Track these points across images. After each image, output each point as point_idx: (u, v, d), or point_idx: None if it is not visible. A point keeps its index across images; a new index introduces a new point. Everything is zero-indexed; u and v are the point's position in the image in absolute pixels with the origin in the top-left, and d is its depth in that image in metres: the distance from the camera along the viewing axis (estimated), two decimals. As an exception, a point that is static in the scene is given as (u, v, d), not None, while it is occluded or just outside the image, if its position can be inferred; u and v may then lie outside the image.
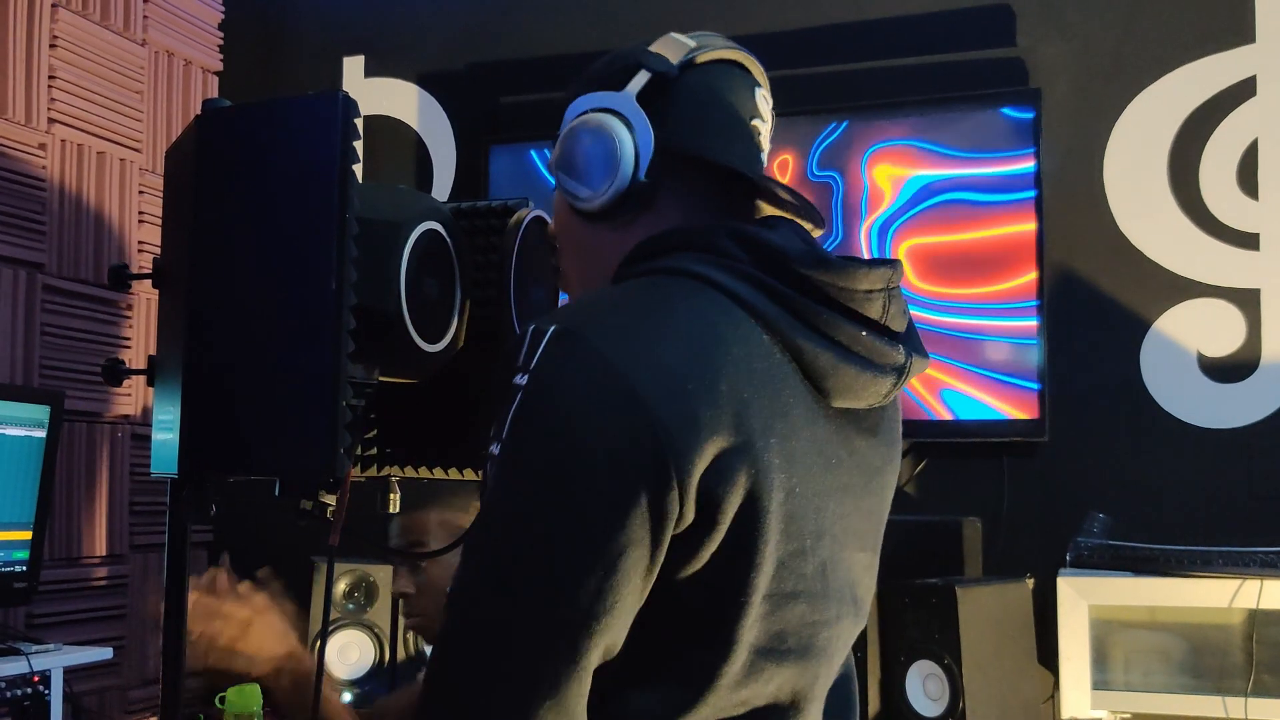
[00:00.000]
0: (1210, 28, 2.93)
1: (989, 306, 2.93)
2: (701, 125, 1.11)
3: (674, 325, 0.96)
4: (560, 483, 0.90)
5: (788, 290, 1.00)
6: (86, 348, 3.19)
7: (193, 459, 1.09)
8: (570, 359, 0.92)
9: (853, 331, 1.01)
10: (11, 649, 2.53)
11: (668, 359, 0.93)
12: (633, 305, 0.98)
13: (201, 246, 1.10)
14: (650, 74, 1.09)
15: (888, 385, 1.04)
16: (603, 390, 0.90)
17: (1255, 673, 2.43)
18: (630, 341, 0.93)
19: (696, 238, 1.04)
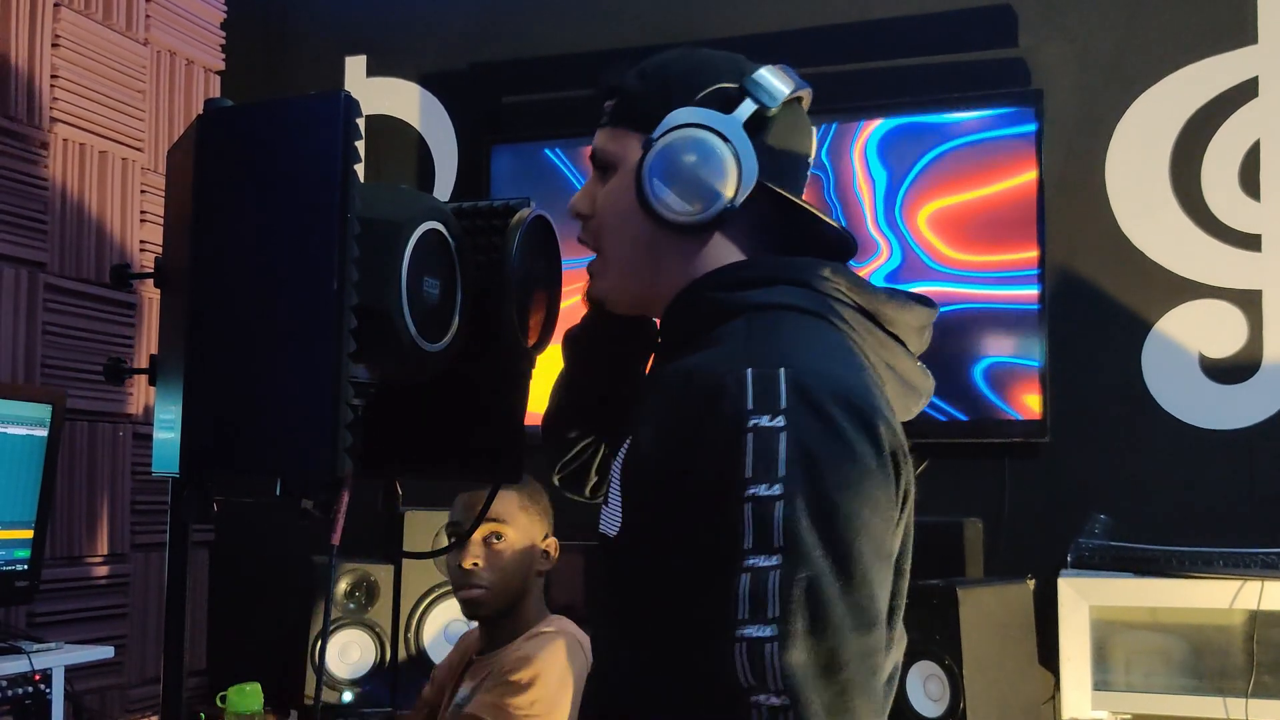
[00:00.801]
0: (1212, 29, 2.93)
1: (990, 307, 2.93)
2: (782, 161, 1.18)
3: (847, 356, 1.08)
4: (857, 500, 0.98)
5: (870, 323, 1.12)
6: (88, 347, 3.20)
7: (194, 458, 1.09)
8: (817, 396, 0.99)
9: (908, 362, 1.16)
10: (13, 648, 2.54)
11: (867, 384, 1.05)
12: (823, 348, 1.07)
13: (203, 246, 1.10)
14: (756, 105, 1.14)
15: (921, 405, 1.20)
16: (858, 433, 1.00)
17: (1256, 674, 2.43)
18: (849, 383, 1.03)
19: (792, 270, 1.13)
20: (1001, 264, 2.92)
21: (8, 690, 2.46)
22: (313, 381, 1.05)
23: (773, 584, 0.94)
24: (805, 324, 1.08)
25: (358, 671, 3.03)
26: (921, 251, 2.99)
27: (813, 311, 1.09)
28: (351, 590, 3.06)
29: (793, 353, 1.03)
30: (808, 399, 0.99)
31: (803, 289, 1.10)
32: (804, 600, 0.93)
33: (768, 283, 1.11)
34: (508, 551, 2.12)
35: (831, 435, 0.98)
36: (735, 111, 1.13)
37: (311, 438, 1.05)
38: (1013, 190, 2.93)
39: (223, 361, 1.09)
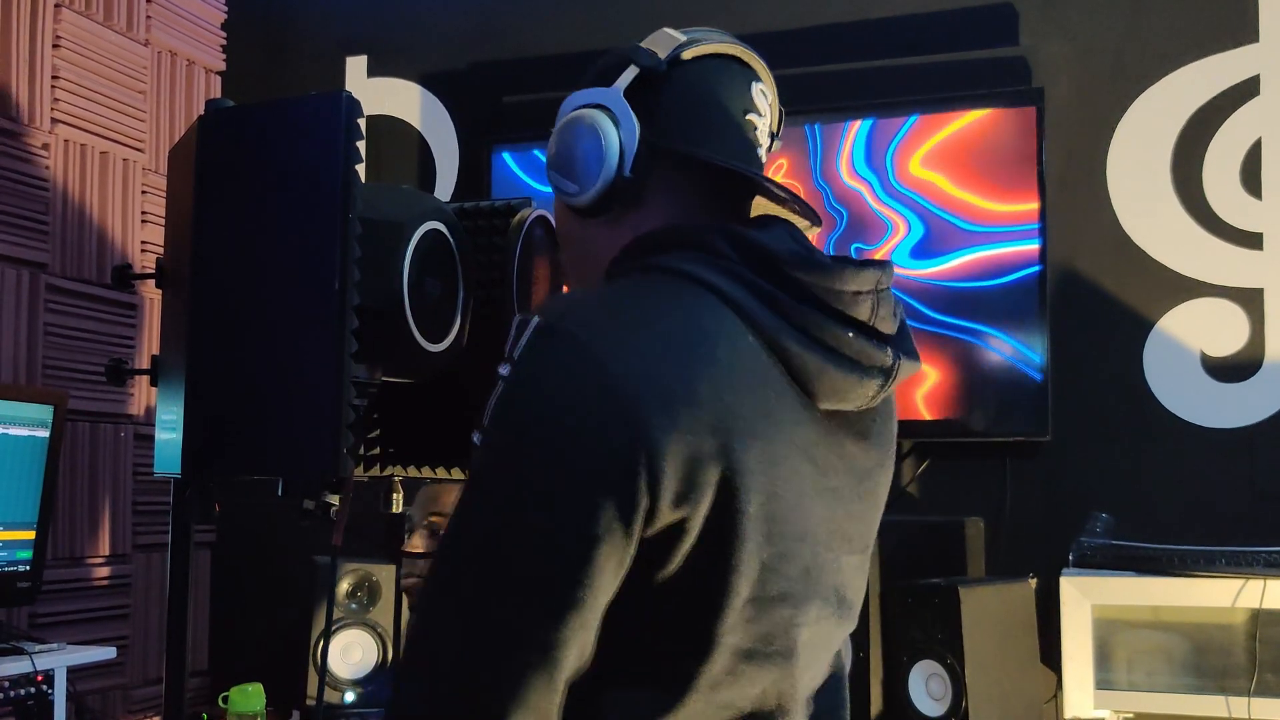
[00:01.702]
0: (1213, 27, 2.93)
1: (992, 307, 2.92)
2: (691, 121, 1.10)
3: (659, 324, 0.96)
4: (534, 472, 0.90)
5: (776, 291, 1.00)
6: (89, 347, 3.19)
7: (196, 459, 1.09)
8: (551, 351, 0.93)
9: (839, 333, 1.01)
10: (15, 649, 2.54)
11: (650, 357, 0.93)
12: (619, 302, 0.99)
13: (205, 246, 1.11)
14: (638, 69, 1.09)
15: (874, 387, 1.04)
16: (581, 383, 0.91)
17: (1258, 672, 2.43)
18: (612, 337, 0.93)
19: (689, 236, 1.05)
20: (1002, 262, 2.92)
21: (10, 691, 2.46)
22: (315, 381, 1.05)
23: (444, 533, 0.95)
24: (664, 286, 1.00)
25: (360, 672, 3.02)
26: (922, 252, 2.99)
27: (690, 275, 1.00)
28: (353, 590, 3.06)
29: (581, 309, 0.97)
30: (545, 356, 0.93)
31: (694, 251, 1.02)
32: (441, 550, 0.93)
33: (663, 249, 1.04)
34: None
35: (540, 403, 0.91)
36: (617, 81, 1.09)
37: (313, 438, 1.05)
38: (1013, 190, 2.93)
39: (224, 362, 1.09)
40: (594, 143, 1.07)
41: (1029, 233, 2.90)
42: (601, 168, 1.07)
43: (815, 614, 1.03)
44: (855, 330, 1.02)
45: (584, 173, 1.08)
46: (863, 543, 1.12)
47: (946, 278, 2.95)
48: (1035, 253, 2.90)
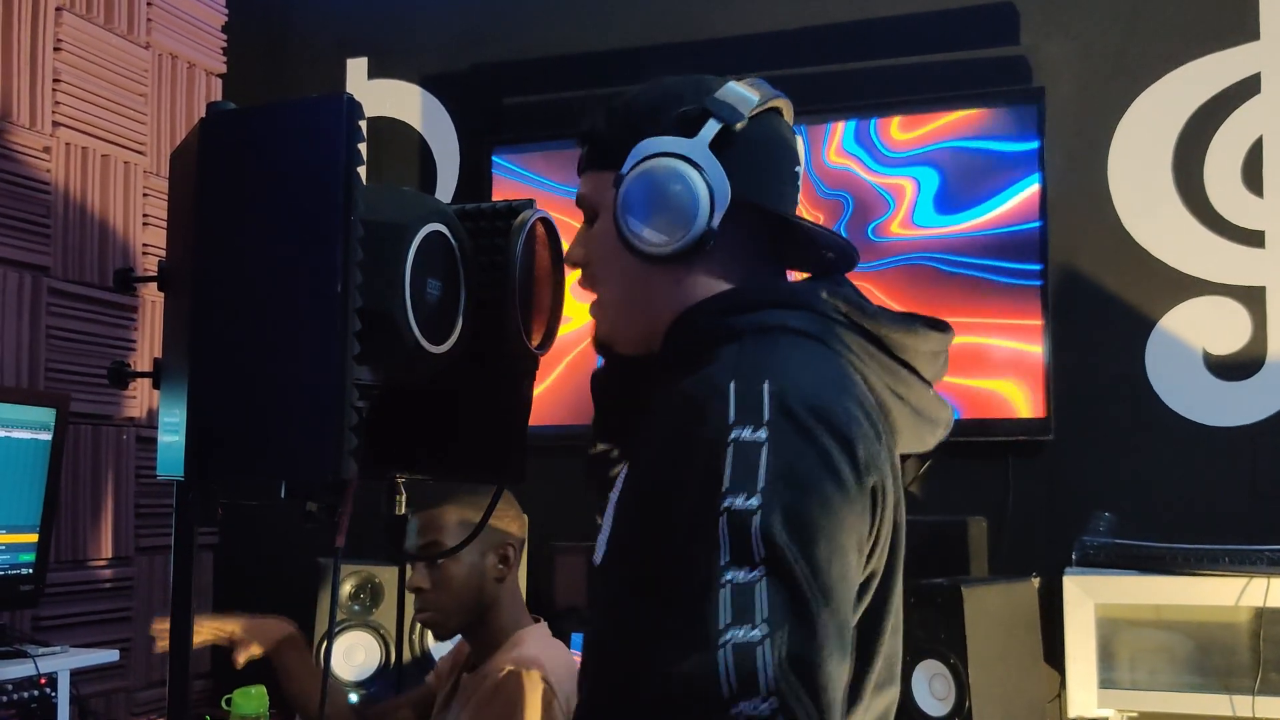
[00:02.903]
0: (1214, 25, 2.93)
1: (994, 307, 2.92)
2: (762, 175, 1.14)
3: (846, 388, 1.05)
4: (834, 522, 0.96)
5: (874, 348, 1.09)
6: (91, 350, 3.20)
7: (198, 461, 1.09)
8: (799, 413, 0.98)
9: (921, 389, 1.13)
10: (18, 651, 2.54)
11: (860, 424, 1.02)
12: (813, 368, 1.04)
13: (206, 249, 1.11)
14: (720, 124, 1.11)
15: (938, 437, 1.18)
16: (834, 441, 0.98)
17: (1262, 671, 2.43)
18: (835, 404, 1.01)
19: (795, 295, 1.10)
20: (1004, 261, 2.92)
21: (14, 694, 2.46)
22: (317, 384, 1.05)
23: (758, 592, 0.91)
24: (800, 345, 1.06)
25: (362, 673, 3.02)
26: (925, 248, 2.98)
27: (809, 334, 1.07)
28: (356, 592, 3.06)
29: (781, 369, 1.01)
30: (791, 414, 0.97)
31: (801, 311, 1.08)
32: (788, 607, 0.91)
33: (765, 306, 1.09)
34: (452, 569, 2.03)
35: (814, 453, 0.97)
36: (699, 133, 1.10)
37: (316, 440, 1.05)
38: (1015, 188, 2.92)
39: (226, 364, 1.09)
40: (685, 197, 1.09)
41: (1030, 231, 2.90)
42: (692, 224, 1.09)
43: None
44: (928, 386, 1.13)
45: (673, 225, 1.10)
46: None
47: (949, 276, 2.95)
48: (1037, 251, 2.89)
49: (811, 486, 0.95)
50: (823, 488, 0.96)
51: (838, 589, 0.94)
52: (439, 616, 2.06)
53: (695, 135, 1.10)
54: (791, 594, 0.91)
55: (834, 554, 0.94)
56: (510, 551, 2.09)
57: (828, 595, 0.92)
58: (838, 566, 0.95)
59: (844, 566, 0.96)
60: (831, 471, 0.96)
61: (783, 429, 0.96)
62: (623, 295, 1.17)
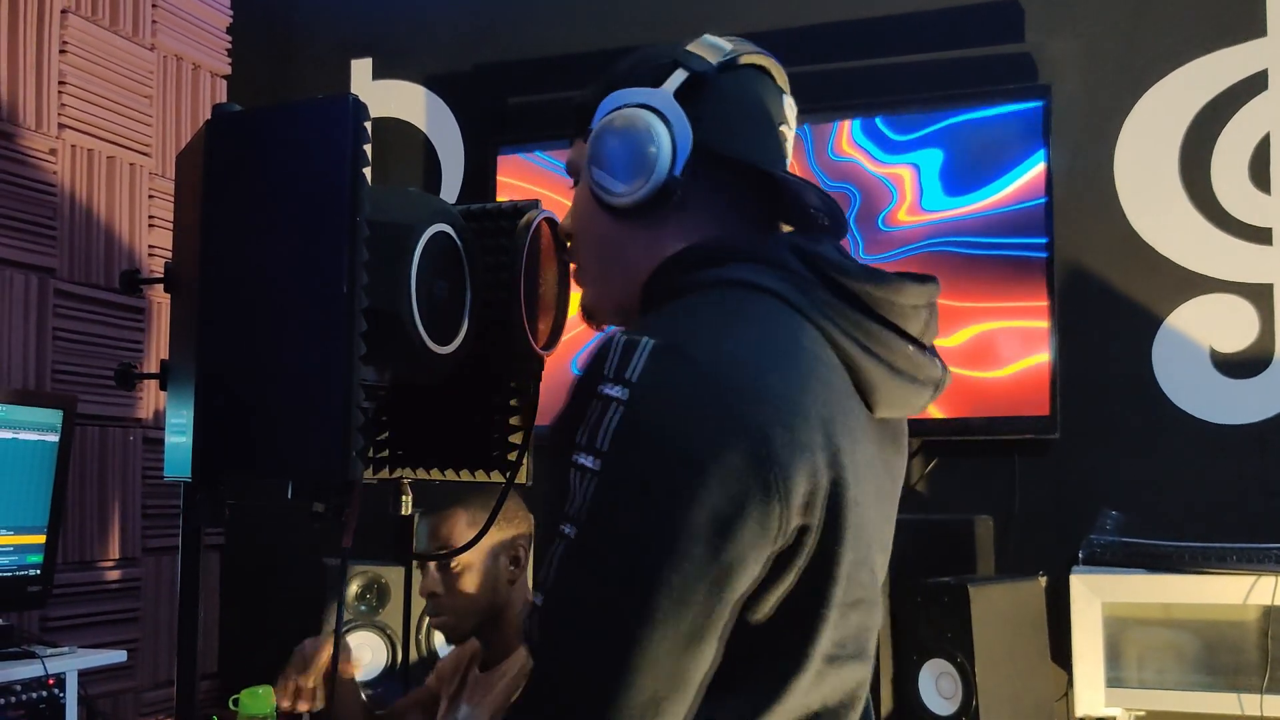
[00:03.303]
0: (1221, 21, 2.92)
1: (1000, 306, 2.92)
2: (736, 127, 1.10)
3: (767, 343, 0.97)
4: (673, 498, 0.89)
5: (844, 305, 1.02)
6: (98, 352, 3.20)
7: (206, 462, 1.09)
8: (674, 373, 0.92)
9: (900, 346, 1.04)
10: (26, 652, 2.54)
11: (767, 377, 0.94)
12: (724, 321, 0.98)
13: (213, 250, 1.11)
14: (688, 73, 1.09)
15: (925, 398, 1.08)
16: (710, 407, 0.91)
17: (1270, 669, 2.42)
18: (729, 358, 0.94)
19: (756, 250, 1.05)
20: (1010, 259, 2.92)
21: (22, 695, 2.46)
22: (323, 384, 1.05)
23: (557, 552, 0.92)
24: (748, 301, 1.01)
25: (369, 674, 3.03)
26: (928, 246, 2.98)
27: (767, 289, 1.01)
28: (362, 592, 3.06)
29: (693, 329, 0.97)
30: (668, 378, 0.91)
31: (764, 265, 1.03)
32: (569, 580, 0.91)
33: (730, 260, 1.05)
34: (465, 573, 2.04)
35: (672, 429, 0.90)
36: (665, 83, 1.09)
37: (322, 440, 1.05)
38: (1021, 186, 2.92)
39: (233, 365, 1.09)
40: (644, 143, 1.06)
41: (1037, 230, 2.90)
42: (653, 169, 1.06)
43: (877, 615, 1.06)
44: (911, 343, 1.05)
45: (634, 173, 1.07)
46: (890, 542, 1.16)
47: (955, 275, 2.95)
48: (1043, 249, 2.89)
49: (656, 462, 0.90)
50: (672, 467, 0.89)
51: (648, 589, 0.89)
52: (453, 620, 2.07)
53: (661, 85, 1.09)
54: (581, 561, 0.91)
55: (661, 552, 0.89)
56: (521, 552, 2.10)
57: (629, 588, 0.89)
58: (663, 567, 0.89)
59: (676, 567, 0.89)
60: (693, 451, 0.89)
61: (647, 390, 0.91)
62: (599, 258, 1.16)
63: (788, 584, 0.94)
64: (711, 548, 0.89)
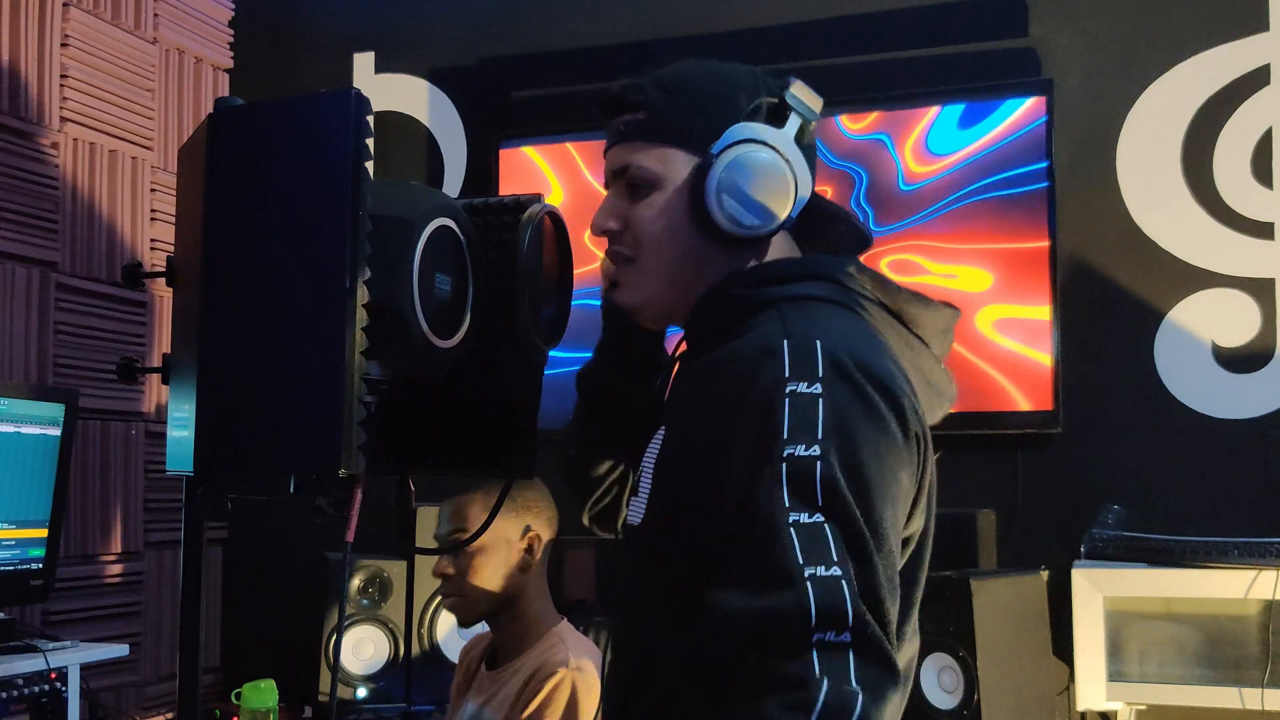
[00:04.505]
0: (1223, 16, 2.91)
1: (1002, 301, 2.92)
2: (813, 169, 1.21)
3: (874, 341, 1.11)
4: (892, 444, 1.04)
5: (897, 323, 1.16)
6: (100, 346, 3.20)
7: (208, 456, 1.09)
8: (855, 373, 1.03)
9: (932, 362, 1.18)
10: (29, 646, 2.55)
11: (892, 368, 1.08)
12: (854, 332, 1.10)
13: (215, 244, 1.11)
14: (800, 120, 1.19)
15: (946, 410, 1.22)
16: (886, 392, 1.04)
17: (1272, 663, 2.42)
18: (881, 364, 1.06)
19: (825, 269, 1.15)
20: (1013, 254, 2.92)
21: (24, 688, 2.47)
22: (325, 379, 1.05)
23: (827, 534, 0.97)
24: (835, 312, 1.12)
25: (372, 667, 3.03)
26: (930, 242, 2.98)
27: (840, 303, 1.13)
28: (365, 586, 3.07)
29: (825, 330, 1.07)
30: (842, 370, 1.03)
31: (829, 283, 1.14)
32: (851, 548, 0.97)
33: (795, 279, 1.15)
34: (476, 556, 2.02)
35: (865, 406, 1.03)
36: (786, 126, 1.17)
37: (325, 435, 1.05)
38: (1023, 180, 2.92)
39: (236, 359, 1.09)
40: (781, 184, 1.15)
41: (1039, 224, 2.90)
42: (782, 215, 1.16)
43: None
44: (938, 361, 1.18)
45: (765, 213, 1.15)
46: None
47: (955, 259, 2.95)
48: (1045, 244, 2.89)
49: (865, 438, 1.01)
50: (875, 439, 1.02)
51: (890, 536, 1.01)
52: (463, 602, 2.06)
53: (782, 127, 1.17)
54: (853, 537, 0.98)
55: (886, 502, 1.01)
56: (535, 542, 2.08)
57: (880, 541, 0.99)
58: (889, 514, 1.01)
59: (895, 515, 1.03)
60: (881, 424, 1.03)
61: (835, 384, 1.02)
62: (677, 269, 1.19)
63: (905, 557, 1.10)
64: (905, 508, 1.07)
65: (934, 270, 2.97)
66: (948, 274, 2.96)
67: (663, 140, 1.19)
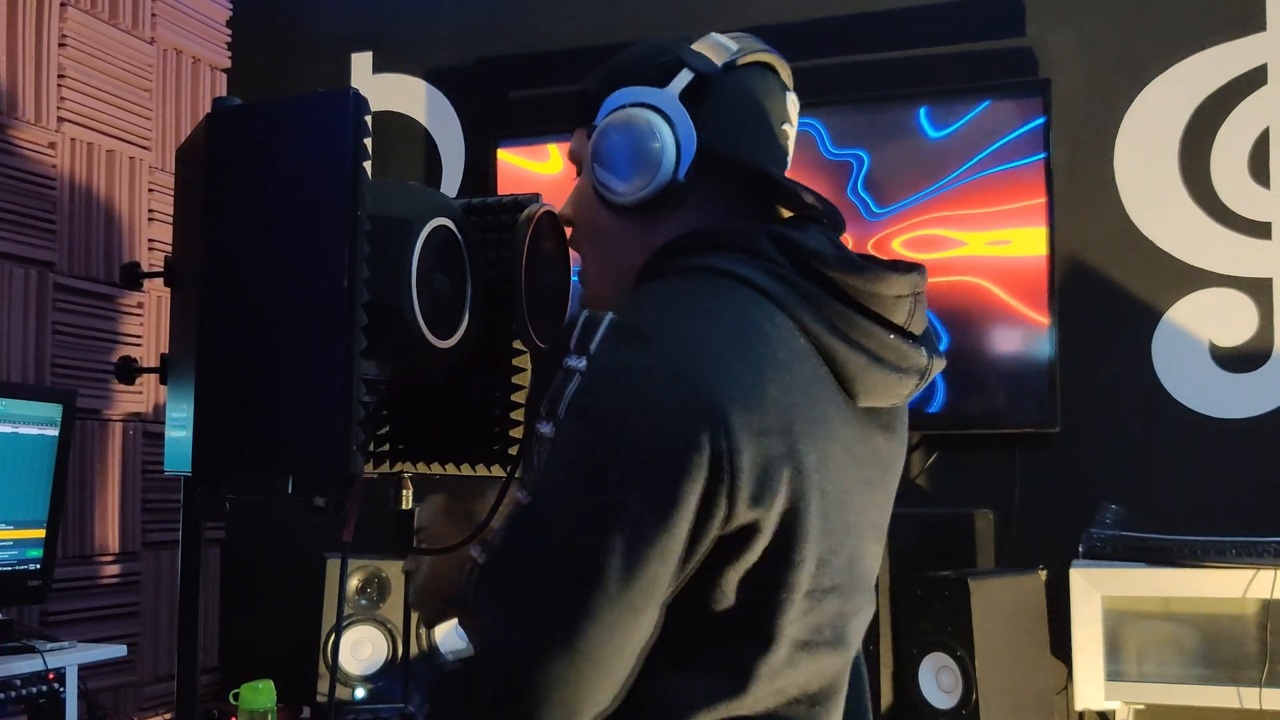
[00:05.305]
0: (1221, 16, 2.92)
1: (1000, 300, 2.92)
2: (738, 127, 1.12)
3: (726, 327, 0.99)
4: (615, 467, 0.93)
5: (820, 293, 1.03)
6: (98, 346, 3.20)
7: (206, 456, 1.09)
8: (629, 350, 0.96)
9: (881, 336, 1.05)
10: (26, 647, 2.54)
11: (724, 361, 0.96)
12: (686, 304, 1.01)
13: (213, 244, 1.11)
14: (693, 74, 1.10)
15: (910, 386, 1.09)
16: (663, 385, 0.94)
17: (1270, 663, 2.43)
18: (687, 340, 0.96)
19: (734, 238, 1.07)
20: (1010, 254, 2.91)
21: (22, 689, 2.46)
22: (324, 378, 1.05)
23: (512, 517, 0.96)
24: (718, 287, 1.03)
25: (370, 668, 3.03)
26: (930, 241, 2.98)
27: (740, 277, 1.03)
28: (363, 587, 3.06)
29: (655, 309, 1.01)
30: (623, 355, 0.96)
31: (739, 253, 1.05)
32: (520, 545, 0.96)
33: (706, 249, 1.07)
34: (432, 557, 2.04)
35: (626, 398, 0.94)
36: (671, 84, 1.10)
37: (323, 435, 1.05)
38: (1021, 180, 2.92)
39: (234, 359, 1.09)
40: (650, 144, 1.09)
41: (1036, 224, 2.90)
42: (656, 170, 1.09)
43: (856, 603, 1.08)
44: (894, 332, 1.06)
45: (638, 173, 1.09)
46: (883, 531, 1.17)
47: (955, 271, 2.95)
48: (1043, 244, 2.89)
49: (604, 434, 0.94)
50: (622, 437, 0.93)
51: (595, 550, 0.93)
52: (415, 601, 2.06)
53: (667, 85, 1.10)
54: (531, 533, 0.96)
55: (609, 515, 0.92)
56: None
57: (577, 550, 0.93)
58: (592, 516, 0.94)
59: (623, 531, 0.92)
60: (642, 421, 0.93)
61: (602, 364, 0.96)
62: (596, 248, 1.19)
63: (746, 568, 0.97)
64: (648, 524, 0.92)
65: (932, 270, 2.96)
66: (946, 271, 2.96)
67: (581, 121, 1.19)
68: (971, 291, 2.93)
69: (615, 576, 0.92)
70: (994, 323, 2.92)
